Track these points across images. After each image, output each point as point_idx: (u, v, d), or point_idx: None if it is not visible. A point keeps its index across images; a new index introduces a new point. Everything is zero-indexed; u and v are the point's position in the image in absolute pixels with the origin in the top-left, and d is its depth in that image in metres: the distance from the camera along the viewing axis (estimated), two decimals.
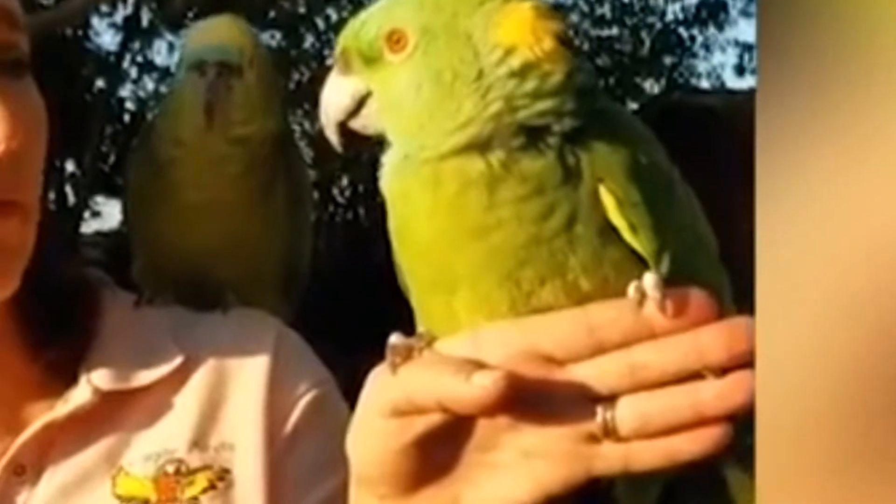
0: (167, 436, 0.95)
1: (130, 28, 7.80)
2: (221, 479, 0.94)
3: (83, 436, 0.93)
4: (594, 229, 0.63)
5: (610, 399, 0.63)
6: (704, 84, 8.63)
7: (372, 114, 0.68)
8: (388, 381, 0.66)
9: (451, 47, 0.64)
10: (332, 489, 0.96)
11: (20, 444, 0.90)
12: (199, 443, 0.95)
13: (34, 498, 0.91)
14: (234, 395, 0.98)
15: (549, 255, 0.63)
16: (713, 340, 0.61)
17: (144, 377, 0.95)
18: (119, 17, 7.70)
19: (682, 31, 8.61)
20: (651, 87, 8.53)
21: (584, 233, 0.63)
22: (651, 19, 8.66)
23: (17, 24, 0.85)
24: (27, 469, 0.91)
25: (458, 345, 0.65)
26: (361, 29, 0.67)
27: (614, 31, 8.57)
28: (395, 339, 0.66)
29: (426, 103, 0.64)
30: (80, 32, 7.47)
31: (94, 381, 0.93)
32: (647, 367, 0.62)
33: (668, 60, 8.66)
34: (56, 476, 0.92)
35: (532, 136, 0.63)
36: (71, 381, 0.93)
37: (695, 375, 0.62)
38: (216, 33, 1.09)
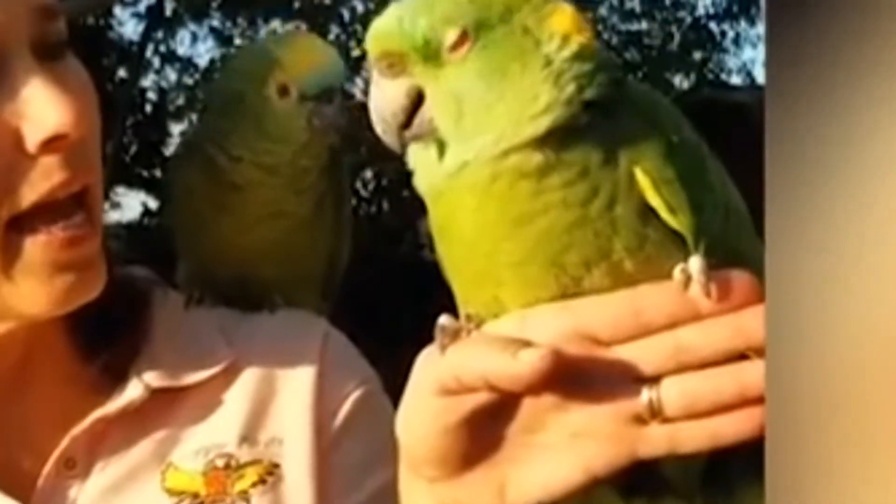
0: (217, 431, 0.95)
1: (153, 18, 7.82)
2: (271, 473, 0.95)
3: (133, 431, 0.94)
4: (634, 210, 0.64)
5: (655, 380, 0.64)
6: (735, 80, 8.59)
7: (425, 117, 0.67)
8: (437, 361, 0.66)
9: (510, 39, 0.66)
10: (378, 485, 0.97)
11: (71, 438, 0.91)
12: (248, 437, 0.96)
13: (84, 491, 0.92)
14: (282, 391, 0.98)
15: (594, 237, 0.64)
16: (756, 322, 0.62)
17: (195, 375, 0.96)
18: (142, 6, 7.74)
19: (712, 25, 8.57)
20: (680, 82, 8.48)
21: (624, 214, 0.64)
22: (681, 14, 8.62)
23: (56, 12, 0.85)
24: (78, 462, 0.92)
25: (506, 326, 0.66)
26: (406, 28, 0.66)
27: (644, 25, 8.54)
28: (444, 320, 0.67)
29: (499, 96, 0.65)
30: (102, 22, 7.50)
31: (145, 378, 0.94)
32: (692, 349, 0.63)
33: (697, 55, 8.62)
34: (106, 470, 0.93)
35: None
36: (122, 379, 0.94)
37: (739, 357, 0.62)
38: (325, 57, 1.08)
